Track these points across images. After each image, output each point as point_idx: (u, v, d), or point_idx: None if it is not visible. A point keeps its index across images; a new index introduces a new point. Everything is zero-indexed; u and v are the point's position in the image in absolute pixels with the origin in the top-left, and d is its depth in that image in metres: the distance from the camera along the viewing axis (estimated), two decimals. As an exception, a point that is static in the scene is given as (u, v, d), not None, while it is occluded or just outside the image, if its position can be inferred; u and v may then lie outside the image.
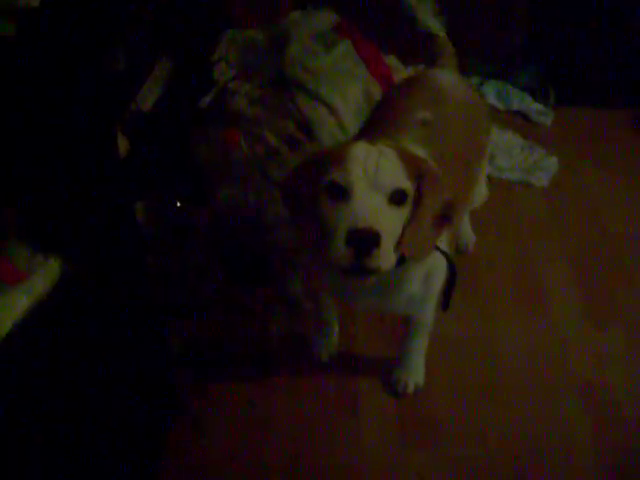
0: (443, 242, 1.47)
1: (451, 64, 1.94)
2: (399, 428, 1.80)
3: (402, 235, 1.30)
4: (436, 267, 1.52)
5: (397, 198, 1.26)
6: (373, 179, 1.25)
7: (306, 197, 1.33)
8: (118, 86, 1.87)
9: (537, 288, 2.17)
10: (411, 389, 1.88)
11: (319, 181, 1.29)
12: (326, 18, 2.78)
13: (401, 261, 1.37)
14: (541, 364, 1.94)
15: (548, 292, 2.16)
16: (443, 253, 1.46)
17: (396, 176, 1.26)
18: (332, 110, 2.36)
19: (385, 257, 1.24)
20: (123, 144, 1.75)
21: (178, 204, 1.75)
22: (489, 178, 2.51)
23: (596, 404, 1.84)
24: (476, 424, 1.80)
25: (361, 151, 1.28)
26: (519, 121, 2.94)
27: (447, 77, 1.84)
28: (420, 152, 1.45)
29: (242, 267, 2.02)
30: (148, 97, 1.99)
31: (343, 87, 2.43)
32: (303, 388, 1.89)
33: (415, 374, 1.89)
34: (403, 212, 1.29)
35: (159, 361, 1.64)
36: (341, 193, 1.26)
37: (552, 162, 2.66)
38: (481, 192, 2.39)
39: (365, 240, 1.20)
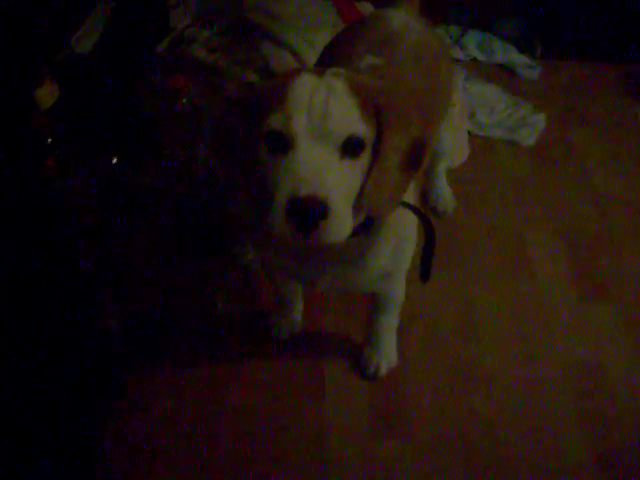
0: (411, 198, 1.26)
1: (408, 4, 1.71)
2: (368, 413, 1.62)
3: (362, 188, 1.08)
4: (407, 235, 1.31)
5: (351, 147, 1.04)
6: (320, 126, 1.01)
7: (242, 144, 1.09)
8: (46, 22, 1.66)
9: (522, 257, 1.99)
10: (383, 372, 1.68)
11: (258, 126, 1.05)
12: (293, -42, 2.56)
13: (364, 225, 1.17)
14: (526, 340, 1.78)
15: (534, 261, 1.98)
16: (417, 212, 1.23)
17: (349, 119, 1.03)
18: (298, 58, 2.16)
19: (338, 227, 1.02)
20: (52, 91, 1.52)
21: (114, 160, 1.53)
22: (470, 135, 2.35)
23: (584, 381, 1.70)
24: (452, 408, 1.64)
25: (306, 87, 1.03)
26: (503, 75, 2.74)
27: (400, 19, 1.59)
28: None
29: (192, 234, 1.80)
30: (86, 38, 1.75)
31: (310, 33, 2.22)
32: (260, 371, 1.70)
33: (387, 355, 1.68)
34: (361, 163, 1.06)
35: (94, 344, 1.45)
36: (282, 145, 1.03)
37: (539, 119, 2.47)
38: (462, 150, 2.23)
39: (308, 212, 0.98)
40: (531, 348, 1.76)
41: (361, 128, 1.04)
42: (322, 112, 1.01)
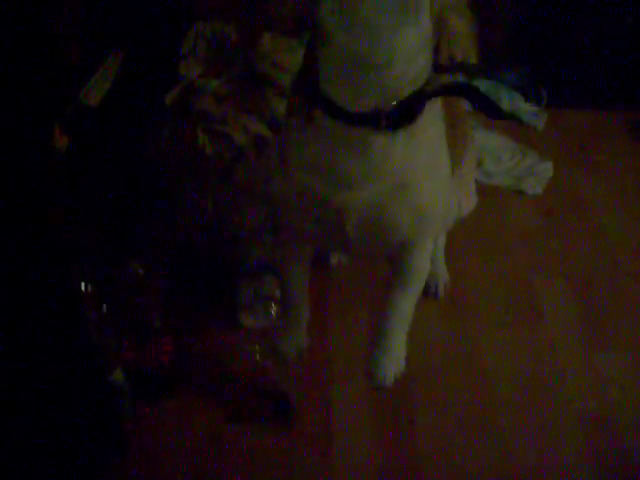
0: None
1: None
2: (378, 464, 1.60)
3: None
4: (443, 172, 1.33)
5: None
6: None
7: None
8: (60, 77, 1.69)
9: (531, 305, 1.98)
10: (391, 380, 1.57)
11: None
12: (302, 10, 2.61)
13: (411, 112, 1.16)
14: (535, 387, 1.76)
15: (543, 309, 1.97)
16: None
17: None
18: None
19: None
20: (61, 141, 1.54)
21: (120, 207, 1.54)
22: (477, 184, 2.36)
23: (595, 432, 1.66)
24: (463, 457, 1.61)
25: None
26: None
27: None
28: None
29: (197, 283, 1.80)
30: (96, 91, 1.78)
31: (317, 83, 2.24)
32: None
33: (396, 361, 1.58)
34: None
35: (98, 397, 1.43)
36: None
37: (546, 167, 2.48)
38: (469, 199, 2.22)
39: None
40: (540, 396, 1.74)
41: None
42: None
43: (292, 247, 1.57)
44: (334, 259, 1.80)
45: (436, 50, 1.12)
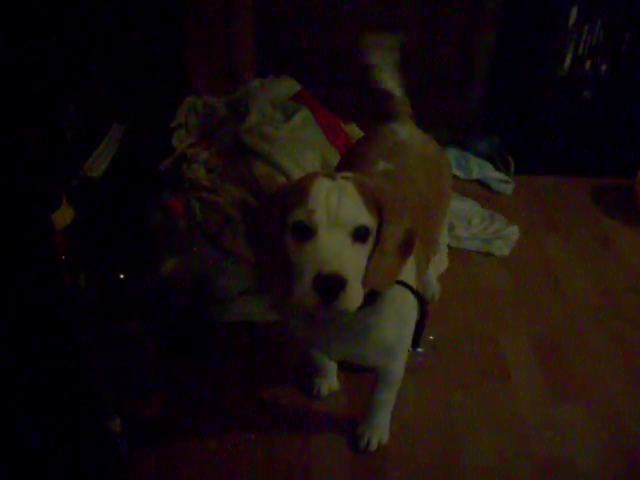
0: (413, 280, 1.48)
1: (408, 120, 1.97)
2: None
3: (366, 268, 1.29)
4: (408, 312, 1.50)
5: (360, 234, 1.26)
6: (336, 217, 1.24)
7: (271, 235, 1.31)
8: (66, 152, 1.84)
9: (497, 361, 2.11)
10: (374, 446, 1.83)
11: (284, 219, 1.28)
12: (286, 86, 2.80)
13: (370, 298, 1.35)
14: (501, 442, 1.87)
15: (508, 365, 2.10)
16: (410, 288, 1.43)
17: (357, 213, 1.25)
18: (288, 177, 2.34)
19: (352, 297, 1.23)
20: (68, 213, 1.69)
21: (121, 276, 1.68)
22: (448, 248, 2.51)
23: (556, 478, 1.78)
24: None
25: (322, 188, 1.27)
26: (479, 190, 2.96)
27: (405, 130, 1.87)
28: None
29: (182, 339, 1.93)
30: (98, 163, 1.94)
31: (300, 155, 2.41)
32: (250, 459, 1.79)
33: (379, 431, 1.84)
34: (366, 247, 1.28)
35: (94, 443, 1.53)
36: (306, 234, 1.25)
37: (513, 231, 2.65)
38: (440, 261, 2.38)
39: (332, 285, 1.20)
40: (504, 446, 1.85)
41: (367, 219, 1.26)
42: (337, 207, 1.24)
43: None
44: (315, 389, 1.96)
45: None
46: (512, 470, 1.80)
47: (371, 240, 1.29)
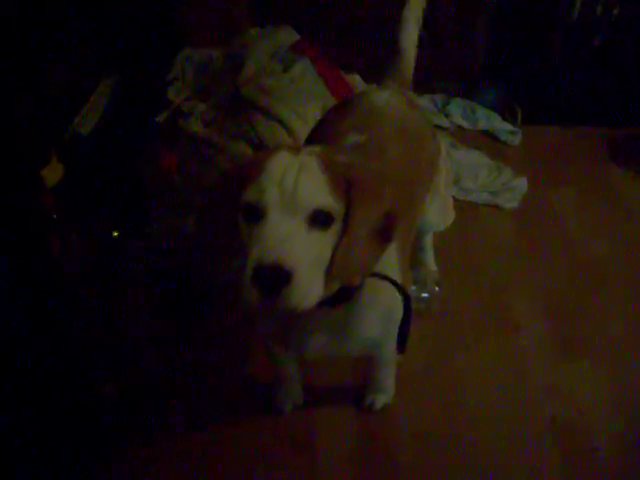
0: (395, 273, 1.32)
1: (394, 86, 1.80)
2: (357, 466, 1.67)
3: (332, 258, 1.12)
4: (394, 306, 1.33)
5: (320, 219, 1.09)
6: (290, 199, 1.08)
7: (225, 215, 1.16)
8: (55, 108, 1.77)
9: (505, 315, 2.06)
10: (378, 406, 1.77)
11: (237, 198, 1.12)
12: (285, 36, 2.70)
13: (345, 295, 1.23)
14: (508, 398, 1.82)
15: (517, 319, 2.04)
16: (395, 284, 1.28)
17: (316, 194, 1.09)
18: (289, 130, 2.26)
19: (301, 294, 1.06)
20: (57, 170, 1.62)
21: (115, 234, 1.62)
22: (455, 200, 2.44)
23: (565, 439, 1.73)
24: (438, 461, 1.68)
25: (279, 164, 1.11)
26: (486, 141, 2.86)
27: (383, 96, 1.70)
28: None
29: (178, 301, 1.88)
30: (88, 119, 1.86)
31: (301, 106, 2.34)
32: (253, 429, 1.75)
33: (384, 391, 1.78)
34: (329, 235, 1.11)
35: (87, 412, 1.50)
36: (255, 215, 1.09)
37: (521, 183, 2.57)
38: (447, 214, 2.30)
39: (271, 279, 1.04)
40: (512, 403, 1.81)
41: (329, 202, 1.10)
42: (292, 186, 1.08)
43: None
44: (288, 406, 1.79)
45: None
46: (520, 425, 1.76)
47: (337, 226, 1.11)
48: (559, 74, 2.87)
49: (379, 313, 1.34)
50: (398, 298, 1.31)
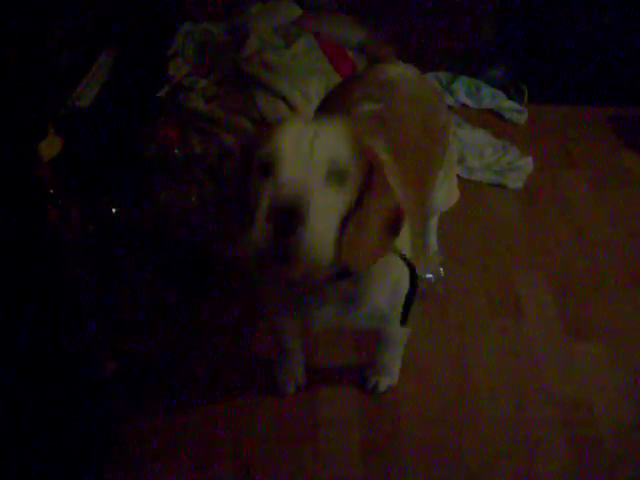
0: (405, 246, 1.30)
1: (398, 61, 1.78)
2: (362, 447, 1.65)
3: (341, 240, 1.10)
4: (403, 278, 1.32)
5: (335, 176, 1.07)
6: (306, 153, 1.05)
7: (240, 182, 1.14)
8: (53, 79, 1.73)
9: (511, 298, 2.03)
10: (382, 388, 1.75)
11: (252, 162, 1.11)
12: (288, 11, 2.65)
13: (348, 273, 1.21)
14: (515, 380, 1.81)
15: (523, 302, 2.02)
16: (403, 258, 1.26)
17: (335, 151, 1.07)
18: (292, 107, 2.22)
19: (315, 241, 1.02)
20: (56, 143, 1.58)
21: (113, 210, 1.58)
22: (459, 179, 2.40)
23: (572, 420, 1.72)
24: (444, 444, 1.66)
25: (294, 127, 1.10)
26: (491, 119, 2.82)
27: (396, 69, 1.69)
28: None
29: (184, 276, 1.84)
30: (88, 92, 1.82)
31: (304, 83, 2.29)
32: (255, 410, 1.73)
33: (389, 373, 1.76)
34: (342, 195, 1.09)
35: (89, 387, 1.48)
36: (269, 169, 1.07)
37: (527, 162, 2.54)
38: (451, 193, 2.27)
39: (286, 213, 1.00)
40: (520, 388, 1.79)
41: (346, 161, 1.08)
42: (309, 143, 1.06)
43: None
44: (291, 388, 1.77)
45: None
46: (527, 408, 1.74)
47: (349, 191, 1.10)
48: (567, 52, 2.82)
49: (387, 285, 1.32)
50: (406, 271, 1.30)
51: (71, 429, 1.48)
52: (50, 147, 1.55)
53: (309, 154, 1.05)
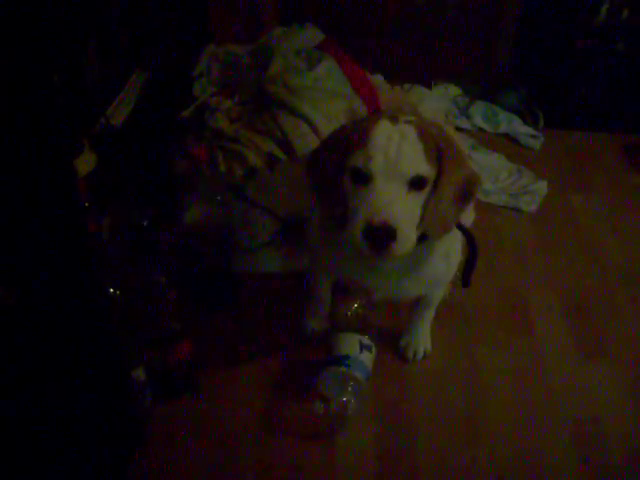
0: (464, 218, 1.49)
1: None
2: (377, 462, 1.68)
3: (423, 214, 1.32)
4: (455, 246, 1.57)
5: (417, 183, 1.28)
6: (394, 166, 1.26)
7: (330, 175, 1.34)
8: (88, 99, 1.80)
9: (523, 318, 2.07)
10: (421, 355, 1.89)
11: (343, 161, 1.31)
12: (310, 35, 2.73)
13: (421, 239, 1.38)
14: (527, 398, 1.84)
15: (536, 323, 2.05)
16: (462, 228, 1.48)
17: (416, 162, 1.27)
18: (314, 128, 2.29)
19: (403, 246, 1.28)
20: (91, 160, 1.66)
21: (145, 223, 1.65)
22: (475, 201, 2.45)
23: (583, 439, 1.74)
24: (457, 460, 1.69)
25: (384, 133, 1.28)
26: (507, 144, 2.88)
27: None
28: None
29: (208, 291, 1.91)
30: (120, 111, 1.90)
31: (325, 105, 2.36)
32: (279, 413, 1.77)
33: (424, 341, 1.90)
34: (423, 195, 1.31)
35: (119, 394, 1.52)
36: (362, 178, 1.28)
37: (541, 186, 2.59)
38: (467, 215, 2.32)
39: (381, 236, 1.25)
40: (532, 406, 1.81)
41: (425, 168, 1.28)
42: (395, 155, 1.26)
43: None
44: (309, 328, 1.93)
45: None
46: (537, 425, 1.77)
47: (428, 188, 1.31)
48: (582, 79, 2.88)
49: (442, 253, 1.52)
50: (459, 241, 1.57)
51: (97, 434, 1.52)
52: (85, 163, 1.62)
53: (396, 163, 1.26)
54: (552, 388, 1.87)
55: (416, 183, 1.28)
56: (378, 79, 2.76)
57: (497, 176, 2.63)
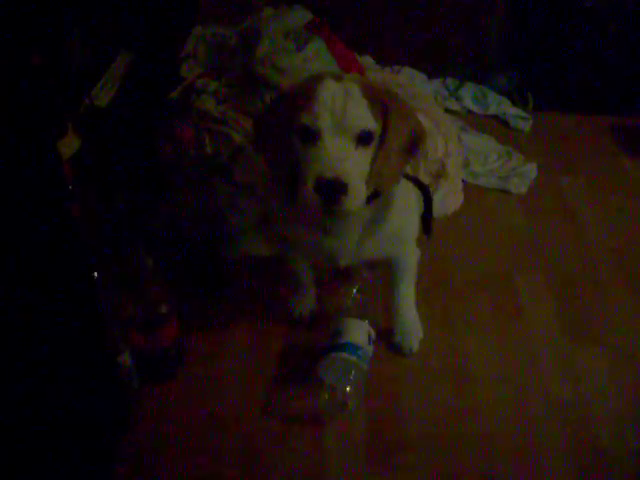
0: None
1: None
2: (366, 454, 1.66)
3: (370, 170, 1.36)
4: (412, 199, 1.61)
5: (364, 138, 1.32)
6: (341, 122, 1.29)
7: (278, 135, 1.38)
8: (72, 79, 1.78)
9: (513, 302, 2.06)
10: (416, 347, 1.88)
11: (291, 121, 1.33)
12: (299, 16, 2.69)
13: (375, 194, 1.42)
14: (516, 382, 1.84)
15: (524, 306, 2.05)
16: (413, 179, 1.53)
17: (363, 117, 1.31)
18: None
19: (354, 199, 1.31)
20: (74, 141, 1.64)
21: (130, 206, 1.63)
22: (464, 183, 2.45)
23: (570, 421, 1.74)
24: (446, 450, 1.68)
25: (329, 91, 1.30)
26: (496, 126, 2.88)
27: None
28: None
29: (197, 275, 1.89)
30: (105, 92, 1.87)
31: (314, 86, 2.32)
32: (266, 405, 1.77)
33: (415, 331, 1.89)
34: (370, 150, 1.34)
35: (106, 380, 1.51)
36: (311, 137, 1.31)
37: (531, 168, 2.58)
38: (456, 198, 2.32)
39: (332, 189, 1.27)
40: (519, 389, 1.81)
41: (371, 124, 1.32)
42: (341, 111, 1.29)
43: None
44: (296, 312, 1.95)
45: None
46: (526, 406, 1.77)
47: (375, 142, 1.34)
48: (572, 61, 2.86)
49: (398, 207, 1.55)
50: (410, 192, 1.61)
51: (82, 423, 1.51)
52: (69, 145, 1.60)
53: (343, 119, 1.29)
54: (540, 369, 1.87)
55: (363, 138, 1.31)
56: (367, 60, 2.73)
57: (486, 158, 2.62)
